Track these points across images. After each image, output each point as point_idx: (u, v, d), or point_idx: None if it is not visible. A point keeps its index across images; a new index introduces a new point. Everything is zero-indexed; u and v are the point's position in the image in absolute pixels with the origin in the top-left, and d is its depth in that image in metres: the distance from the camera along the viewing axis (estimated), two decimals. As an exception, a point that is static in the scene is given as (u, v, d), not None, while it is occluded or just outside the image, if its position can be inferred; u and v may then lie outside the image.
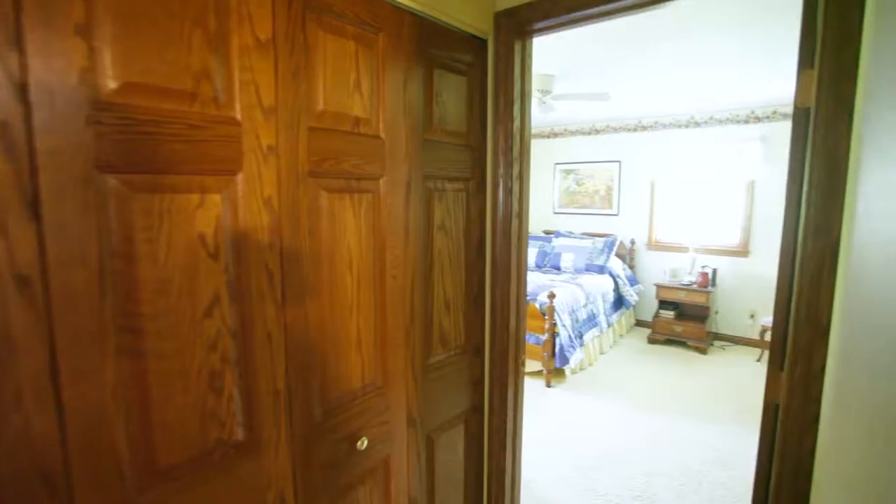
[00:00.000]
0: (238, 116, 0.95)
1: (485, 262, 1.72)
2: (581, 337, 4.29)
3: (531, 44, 1.66)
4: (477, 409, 1.77)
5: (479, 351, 1.75)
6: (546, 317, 3.88)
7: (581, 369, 4.31)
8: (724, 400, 3.73)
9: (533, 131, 6.15)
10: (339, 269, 1.21)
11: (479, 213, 1.68)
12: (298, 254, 1.10)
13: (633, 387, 3.99)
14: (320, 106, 1.13)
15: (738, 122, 4.90)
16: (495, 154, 1.65)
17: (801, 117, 1.27)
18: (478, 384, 1.76)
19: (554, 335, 3.90)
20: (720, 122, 4.99)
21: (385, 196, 1.32)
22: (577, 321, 4.28)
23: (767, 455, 1.43)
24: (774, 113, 4.70)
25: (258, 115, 0.99)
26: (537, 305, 4.00)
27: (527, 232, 1.78)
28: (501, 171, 1.64)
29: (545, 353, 3.91)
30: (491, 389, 1.77)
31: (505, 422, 1.77)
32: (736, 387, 3.99)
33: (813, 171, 1.14)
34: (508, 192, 1.65)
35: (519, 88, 1.63)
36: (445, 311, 1.59)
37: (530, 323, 4.02)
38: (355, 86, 1.21)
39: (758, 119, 4.80)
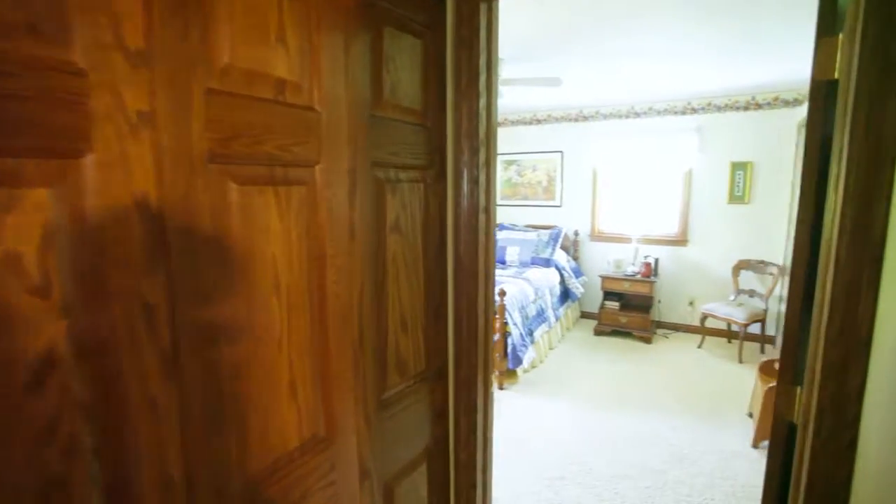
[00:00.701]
0: (79, 60, 0.59)
1: (447, 266, 1.44)
2: (532, 334, 4.13)
3: (498, 5, 1.37)
4: (441, 442, 1.49)
5: (442, 374, 1.47)
6: (497, 316, 3.67)
7: (533, 367, 4.16)
8: (673, 390, 3.72)
9: (473, 120, 5.91)
10: (261, 290, 0.87)
11: (440, 209, 1.39)
12: (196, 276, 0.75)
13: (585, 383, 3.89)
14: (224, 58, 0.78)
15: (675, 112, 4.95)
16: (457, 137, 1.36)
17: (820, 92, 1.10)
18: (442, 414, 1.47)
19: (505, 335, 3.70)
20: (658, 112, 5.02)
21: (323, 189, 0.98)
22: (527, 318, 4.12)
23: (780, 480, 1.27)
24: (709, 104, 4.78)
25: (118, 61, 0.62)
26: (487, 304, 3.77)
27: (495, 229, 1.51)
28: (465, 157, 1.36)
29: (497, 354, 3.70)
30: (457, 418, 1.49)
31: (474, 455, 1.50)
32: (683, 376, 4.01)
33: (851, 156, 0.95)
34: (474, 182, 1.37)
35: (485, 59, 1.34)
36: (402, 331, 1.28)
37: (480, 322, 3.80)
38: (278, 36, 0.87)
39: (694, 110, 4.87)
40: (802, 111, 4.27)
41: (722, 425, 3.21)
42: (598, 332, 5.07)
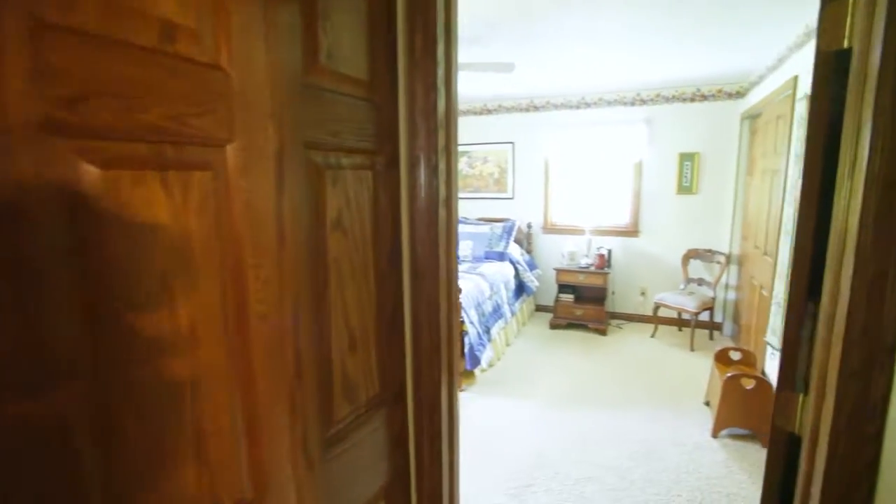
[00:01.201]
0: None
1: (402, 269, 1.21)
2: (489, 331, 3.98)
3: (455, -43, 1.16)
4: (401, 474, 1.27)
5: (400, 396, 1.25)
6: (453, 314, 3.48)
7: (491, 366, 4.01)
8: (633, 382, 3.69)
9: (422, 110, 5.68)
10: (146, 320, 0.62)
11: (392, 202, 1.16)
12: (22, 308, 0.49)
13: (545, 379, 3.79)
14: (66, -23, 0.52)
15: (625, 103, 4.94)
16: (411, 115, 1.14)
17: (828, 63, 0.97)
18: (400, 443, 1.26)
19: (462, 334, 3.53)
20: (609, 103, 5.00)
21: (238, 177, 0.74)
22: (483, 315, 3.96)
23: (780, 496, 1.15)
24: (657, 96, 4.80)
25: None
26: (443, 302, 3.58)
27: (456, 224, 1.30)
28: (422, 140, 1.14)
29: (454, 355, 3.52)
30: (419, 445, 1.28)
31: (439, 484, 1.30)
32: (640, 367, 4.00)
33: (876, 136, 0.82)
34: (433, 170, 1.15)
35: (443, 21, 1.13)
36: (350, 350, 1.05)
37: (436, 322, 3.60)
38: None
39: (643, 101, 4.87)
40: (745, 103, 4.36)
41: (682, 415, 3.19)
42: (553, 326, 5.01)
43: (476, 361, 3.51)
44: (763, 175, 3.59)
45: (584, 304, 4.90)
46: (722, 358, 3.23)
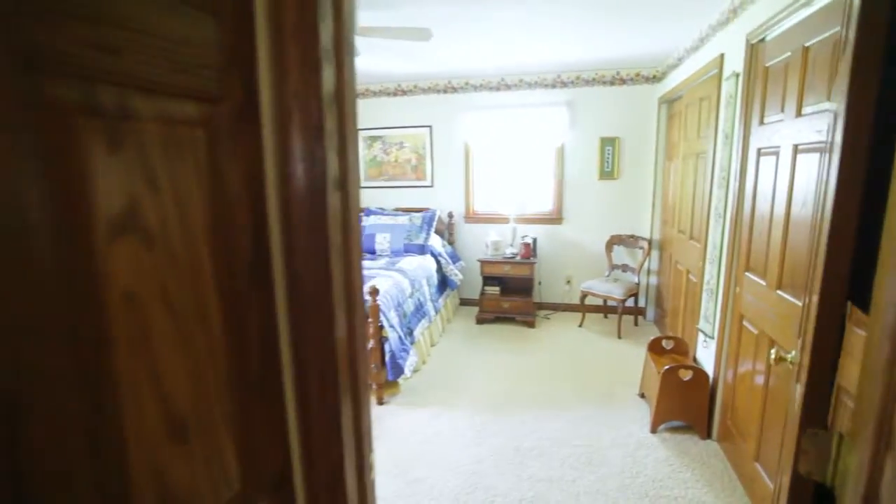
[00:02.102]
0: None
1: (272, 290, 0.77)
2: (412, 333, 3.60)
3: None
4: None
5: (282, 483, 0.81)
6: (370, 319, 3.05)
7: (416, 371, 3.63)
8: (566, 377, 3.49)
9: (330, 89, 5.10)
10: None
11: (250, 183, 0.71)
12: None
13: (474, 382, 3.48)
14: None
15: (545, 86, 4.74)
16: (279, 38, 0.70)
17: None
18: (286, 555, 0.82)
19: (381, 340, 3.11)
20: (529, 85, 4.77)
21: None
22: (405, 316, 3.56)
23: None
24: (578, 78, 4.65)
25: None
26: (359, 306, 3.12)
27: (358, 216, 0.88)
28: (296, 82, 0.70)
29: (373, 365, 3.09)
30: (316, 550, 0.85)
31: None
32: (571, 360, 3.83)
33: None
34: (316, 130, 0.72)
35: None
36: (177, 442, 0.60)
37: (352, 329, 3.14)
38: None
39: (563, 84, 4.70)
40: (662, 87, 4.32)
41: (619, 411, 3.03)
42: (480, 321, 4.74)
43: (399, 370, 3.11)
44: (686, 159, 3.52)
45: (510, 295, 4.68)
46: (655, 348, 3.11)
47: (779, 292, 1.95)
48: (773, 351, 1.48)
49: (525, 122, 4.78)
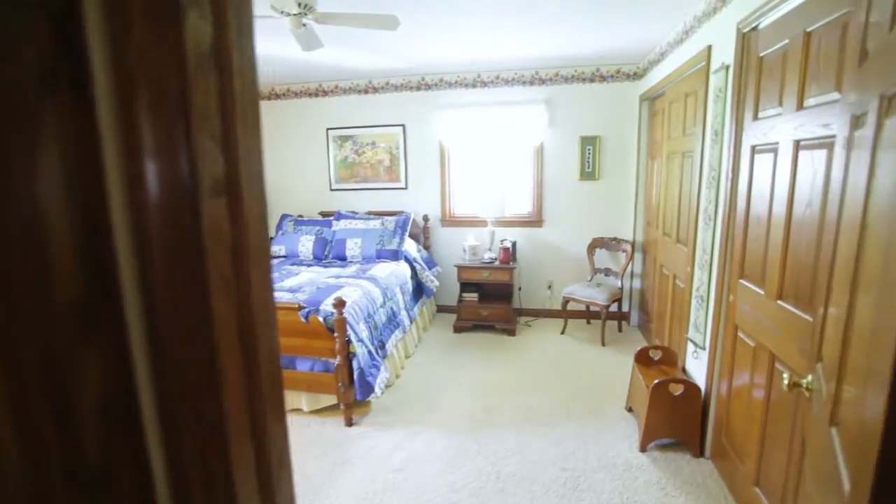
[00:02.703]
0: None
1: (122, 339, 0.52)
2: (384, 346, 3.35)
3: None
4: None
5: None
6: (336, 334, 2.79)
7: (388, 386, 3.39)
8: (548, 390, 3.29)
9: (298, 87, 4.85)
10: None
11: (73, 185, 0.46)
12: None
13: (452, 398, 3.25)
14: None
15: (523, 83, 4.55)
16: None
17: None
18: None
19: (349, 356, 2.85)
20: (507, 82, 4.57)
21: None
22: (376, 328, 3.31)
23: None
24: (557, 75, 4.47)
25: None
26: (321, 319, 2.87)
27: (261, 231, 0.63)
28: (140, 30, 0.46)
29: (340, 384, 2.83)
30: None
31: None
32: (554, 370, 3.63)
33: None
34: (179, 110, 0.48)
35: None
36: None
37: (313, 345, 2.88)
38: None
39: (542, 81, 4.51)
40: (644, 84, 4.17)
41: (606, 427, 2.84)
42: (457, 329, 4.52)
43: (368, 389, 2.86)
44: (671, 158, 3.36)
45: (489, 302, 4.47)
46: (642, 358, 2.93)
47: (780, 303, 1.77)
48: (785, 376, 1.29)
49: (503, 121, 4.59)
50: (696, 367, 2.66)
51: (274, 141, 5.21)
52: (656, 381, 2.48)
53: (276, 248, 4.62)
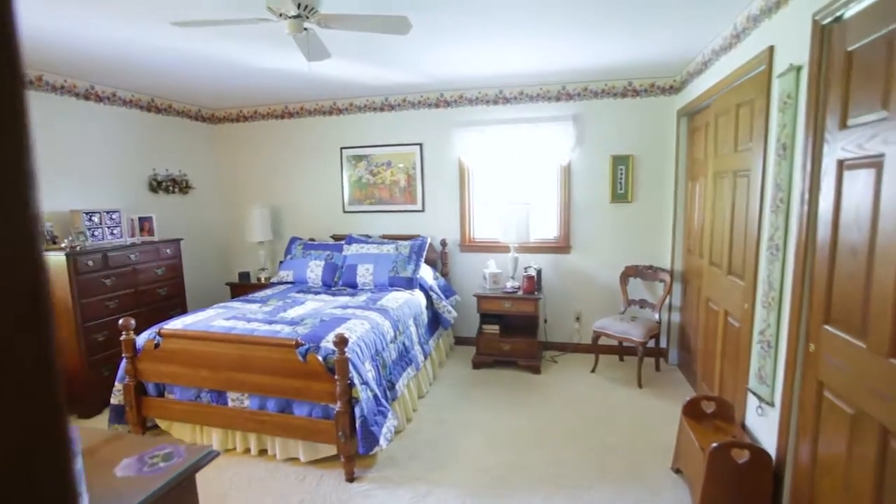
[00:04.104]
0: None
1: None
2: (393, 387, 2.98)
3: None
4: None
5: None
6: (337, 377, 2.44)
7: (398, 432, 3.01)
8: (580, 443, 2.85)
9: (311, 105, 4.64)
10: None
11: None
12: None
13: (467, 449, 2.85)
14: None
15: (549, 98, 4.23)
16: None
17: None
18: None
19: (350, 402, 2.49)
20: (531, 98, 4.27)
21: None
22: (384, 367, 2.96)
23: None
24: (585, 90, 4.15)
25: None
26: (320, 358, 2.53)
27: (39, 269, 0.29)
28: None
29: (341, 433, 2.47)
30: None
31: None
32: (585, 417, 3.18)
33: None
34: None
35: None
36: None
37: (312, 388, 2.54)
38: None
39: (569, 96, 4.19)
40: (682, 98, 3.81)
41: (649, 493, 2.39)
42: (477, 365, 4.12)
43: (372, 441, 2.48)
44: (718, 178, 2.97)
45: (512, 336, 4.07)
46: (692, 411, 2.49)
47: (894, 361, 1.36)
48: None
49: (527, 139, 4.26)
50: (762, 426, 2.22)
51: (286, 161, 5.00)
52: (715, 445, 2.05)
53: (284, 274, 4.34)
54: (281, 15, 2.14)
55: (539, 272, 4.15)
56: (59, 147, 3.65)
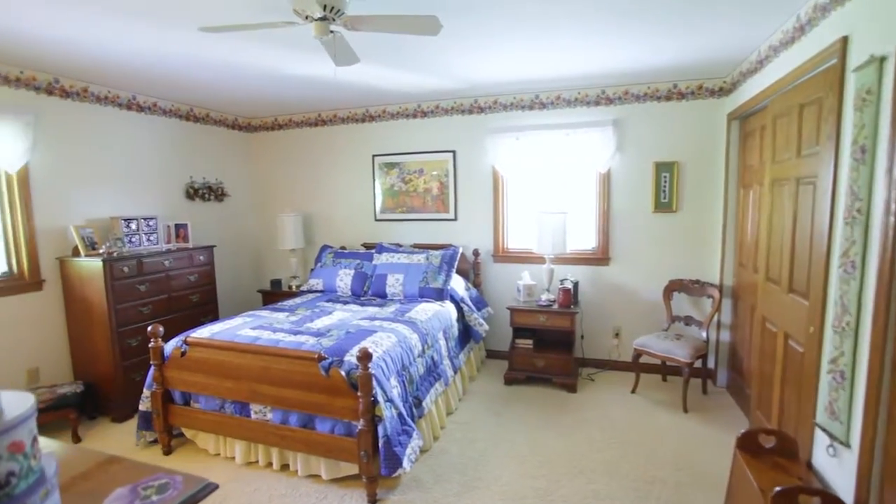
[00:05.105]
0: None
1: None
2: (420, 404, 2.85)
3: None
4: None
5: None
6: (360, 394, 2.33)
7: (424, 451, 2.87)
8: (620, 472, 2.62)
9: (344, 113, 4.63)
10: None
11: None
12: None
13: (499, 473, 2.67)
14: None
15: (587, 103, 4.04)
16: None
17: None
18: None
19: (374, 421, 2.37)
20: (569, 103, 4.08)
21: None
22: (411, 382, 2.83)
23: None
24: (626, 93, 3.93)
25: None
26: (343, 373, 2.42)
27: None
28: None
29: (363, 453, 2.35)
30: None
31: None
32: (625, 443, 2.95)
33: None
34: None
35: None
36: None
37: (334, 403, 2.43)
38: None
39: (609, 100, 3.99)
40: (733, 101, 3.54)
41: (697, 538, 2.15)
42: (509, 381, 3.93)
43: (395, 463, 2.35)
44: (776, 186, 2.70)
45: (546, 350, 3.87)
46: (748, 445, 2.23)
47: None
48: None
49: (564, 146, 4.08)
50: (834, 469, 1.95)
51: (319, 169, 4.99)
52: (780, 489, 1.80)
53: (314, 282, 4.30)
54: (307, 17, 2.07)
55: (576, 285, 3.94)
56: (102, 156, 3.73)
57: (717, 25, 2.63)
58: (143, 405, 2.94)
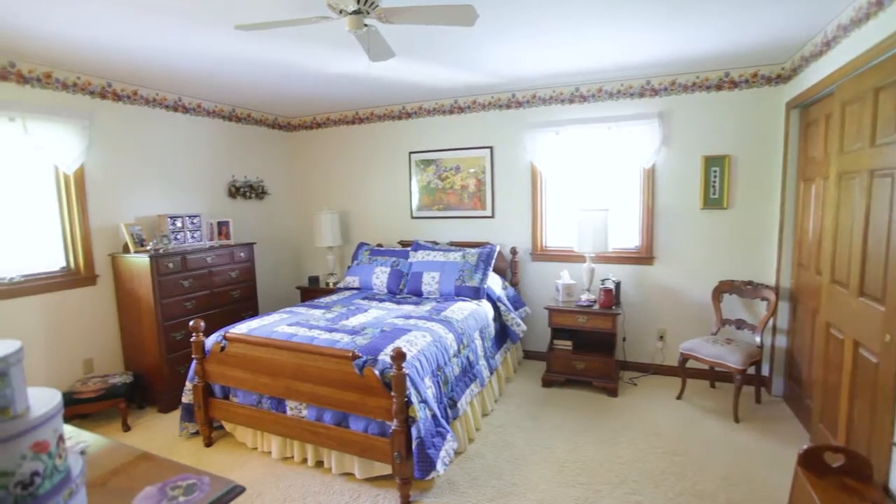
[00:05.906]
0: None
1: None
2: (455, 405, 2.79)
3: None
4: None
5: None
6: (394, 394, 2.29)
7: (459, 454, 2.81)
8: (662, 482, 2.47)
9: (381, 110, 4.62)
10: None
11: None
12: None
13: (535, 479, 2.58)
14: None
15: (631, 95, 3.86)
16: None
17: None
18: None
19: (407, 422, 2.33)
20: (611, 95, 3.92)
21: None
22: (446, 383, 2.77)
23: None
24: (673, 84, 3.73)
25: None
26: (377, 372, 2.39)
27: None
28: None
29: (396, 453, 2.32)
30: None
31: None
32: (670, 453, 2.78)
33: None
34: None
35: None
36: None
37: (368, 402, 2.41)
38: None
39: (654, 91, 3.80)
40: (793, 88, 3.29)
41: (752, 560, 1.99)
42: (547, 383, 3.82)
43: (429, 466, 2.30)
44: (845, 179, 2.47)
45: (586, 353, 3.73)
46: (812, 462, 2.05)
47: None
48: None
49: (606, 140, 3.92)
50: (912, 490, 1.76)
51: (356, 166, 5.02)
52: (848, 512, 1.63)
53: (350, 280, 4.32)
54: (341, 12, 2.05)
55: (618, 285, 3.78)
56: (150, 156, 3.87)
57: (777, 4, 2.43)
58: (186, 397, 3.01)
